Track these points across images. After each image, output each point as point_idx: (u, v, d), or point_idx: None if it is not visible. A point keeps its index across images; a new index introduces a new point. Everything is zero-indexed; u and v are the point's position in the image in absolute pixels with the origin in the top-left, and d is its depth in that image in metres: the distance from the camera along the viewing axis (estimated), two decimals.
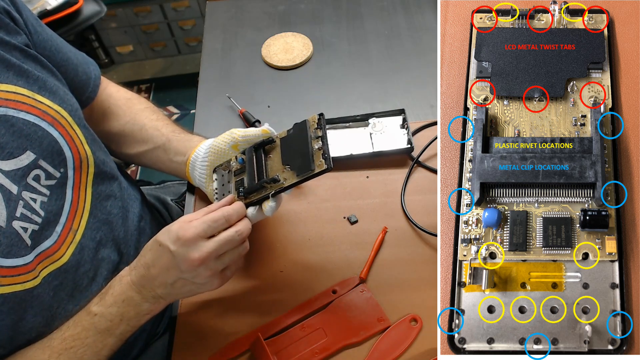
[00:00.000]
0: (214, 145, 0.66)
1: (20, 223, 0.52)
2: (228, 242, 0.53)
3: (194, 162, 0.68)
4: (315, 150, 0.57)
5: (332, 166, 0.56)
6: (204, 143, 0.68)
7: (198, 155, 0.67)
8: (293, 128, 0.60)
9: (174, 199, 0.90)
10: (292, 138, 0.60)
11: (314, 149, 0.57)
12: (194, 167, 0.68)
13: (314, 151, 0.57)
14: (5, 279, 0.50)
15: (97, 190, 0.63)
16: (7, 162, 0.52)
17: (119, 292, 0.55)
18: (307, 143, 0.57)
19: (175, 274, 0.53)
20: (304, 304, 0.64)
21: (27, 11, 0.61)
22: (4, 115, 0.52)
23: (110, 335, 0.55)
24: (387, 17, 1.00)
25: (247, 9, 1.05)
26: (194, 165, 0.68)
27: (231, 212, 0.55)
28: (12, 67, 0.55)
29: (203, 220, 0.53)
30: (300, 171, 0.57)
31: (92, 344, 0.54)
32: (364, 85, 0.89)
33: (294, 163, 0.58)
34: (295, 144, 0.59)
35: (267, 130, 0.63)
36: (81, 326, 0.54)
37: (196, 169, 0.68)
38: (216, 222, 0.53)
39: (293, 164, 0.58)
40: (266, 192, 0.59)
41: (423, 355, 0.60)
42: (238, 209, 0.56)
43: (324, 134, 0.57)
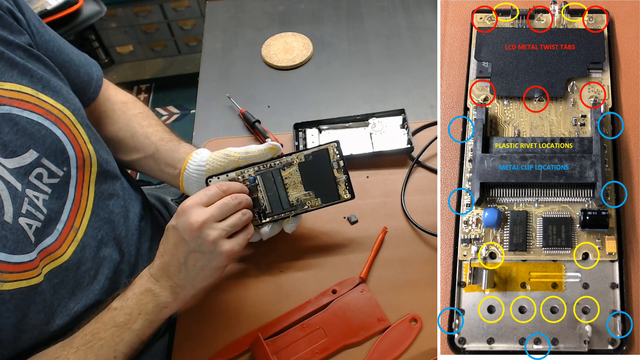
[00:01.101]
0: (209, 169, 0.63)
1: (25, 220, 0.52)
2: (224, 204, 0.56)
3: (187, 179, 0.66)
4: (341, 180, 0.63)
5: (355, 196, 0.63)
6: (193, 159, 0.65)
7: (190, 174, 0.65)
8: (312, 155, 0.62)
9: (174, 199, 0.90)
10: (313, 164, 0.62)
11: (341, 179, 0.63)
12: (189, 186, 0.67)
13: (340, 181, 0.63)
14: (12, 275, 0.50)
15: (100, 189, 0.63)
16: (11, 160, 0.52)
17: (137, 285, 0.56)
18: (330, 172, 0.63)
19: (183, 249, 0.55)
20: (304, 304, 0.64)
21: (30, 11, 0.61)
22: (8, 114, 0.53)
23: (128, 330, 0.55)
24: (387, 17, 1.00)
25: (247, 9, 1.05)
26: (188, 184, 0.66)
27: (226, 187, 0.58)
28: (16, 66, 0.55)
29: (198, 193, 0.57)
30: (327, 199, 0.63)
31: (109, 337, 0.54)
32: (364, 85, 0.89)
33: (319, 190, 0.63)
34: (317, 171, 0.63)
35: (275, 147, 0.62)
36: (101, 321, 0.55)
37: (193, 189, 0.66)
38: (211, 192, 0.57)
39: (317, 191, 0.63)
40: (286, 214, 0.63)
41: (423, 355, 0.60)
42: (236, 186, 0.59)
43: (345, 164, 0.63)
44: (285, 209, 0.63)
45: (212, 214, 0.55)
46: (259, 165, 0.62)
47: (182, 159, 0.67)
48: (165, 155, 0.69)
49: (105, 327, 0.55)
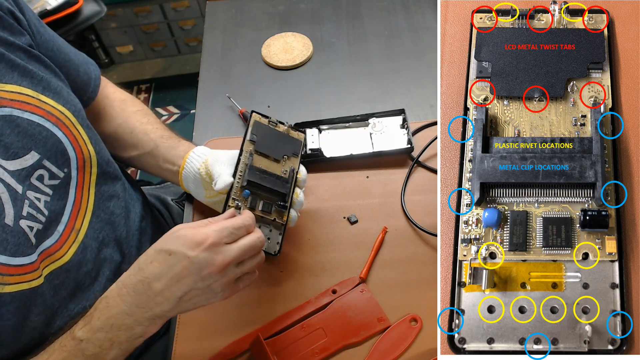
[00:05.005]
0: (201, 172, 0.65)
1: (26, 222, 0.52)
2: (251, 247, 0.51)
3: (186, 177, 0.67)
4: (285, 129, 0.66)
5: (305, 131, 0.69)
6: (192, 156, 0.66)
7: (189, 172, 0.66)
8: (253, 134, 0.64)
9: (174, 199, 0.90)
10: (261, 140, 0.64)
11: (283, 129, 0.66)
12: (188, 184, 0.68)
13: (286, 130, 0.66)
14: (13, 278, 0.50)
15: (100, 190, 0.63)
16: (12, 162, 0.52)
17: (106, 316, 0.49)
18: (274, 132, 0.65)
19: (188, 283, 0.49)
20: (304, 304, 0.64)
21: (30, 12, 0.61)
22: (9, 116, 0.53)
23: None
24: (387, 17, 1.00)
25: (247, 9, 1.05)
26: (187, 182, 0.68)
27: (250, 221, 0.53)
28: (16, 67, 0.55)
29: (224, 225, 0.50)
30: (294, 150, 0.66)
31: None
32: (364, 85, 0.89)
33: (283, 151, 0.65)
34: (268, 141, 0.64)
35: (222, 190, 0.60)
36: (67, 351, 0.50)
37: (192, 187, 0.68)
38: (238, 229, 0.51)
39: (282, 152, 0.65)
40: (291, 187, 0.63)
41: (423, 355, 0.60)
42: (253, 219, 0.54)
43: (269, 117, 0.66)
44: (287, 182, 0.63)
45: (238, 255, 0.50)
46: (237, 176, 0.61)
47: (181, 156, 0.68)
48: (165, 152, 0.69)
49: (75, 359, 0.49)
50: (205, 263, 0.48)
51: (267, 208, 0.61)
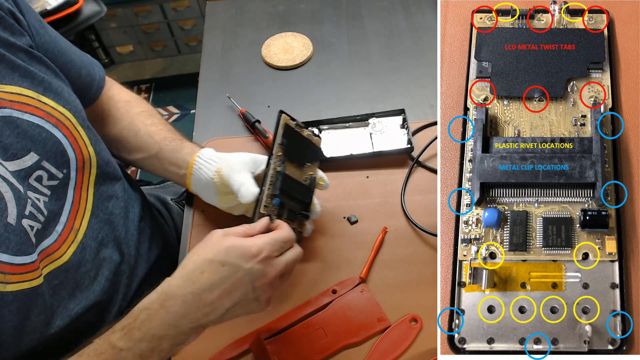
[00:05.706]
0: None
1: (28, 221, 0.52)
2: (295, 261, 0.53)
3: (197, 182, 0.67)
4: (310, 135, 0.64)
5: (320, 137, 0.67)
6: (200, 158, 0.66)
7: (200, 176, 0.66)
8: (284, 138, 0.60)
9: (174, 199, 0.90)
10: (289, 144, 0.60)
11: (307, 134, 0.64)
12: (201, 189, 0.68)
13: (309, 137, 0.64)
14: (15, 277, 0.50)
15: (99, 190, 0.63)
16: (11, 162, 0.52)
17: (148, 327, 0.49)
18: (300, 137, 0.63)
19: (240, 295, 0.49)
20: (304, 304, 0.64)
21: (31, 12, 0.61)
22: (9, 117, 0.53)
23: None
24: (387, 17, 1.00)
25: (247, 9, 1.05)
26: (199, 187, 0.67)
27: (294, 236, 0.54)
28: (17, 68, 0.55)
29: (275, 239, 0.52)
30: (315, 158, 0.65)
31: None
32: (364, 85, 0.89)
33: (307, 157, 0.63)
34: (295, 146, 0.61)
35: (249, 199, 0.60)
36: (104, 358, 0.49)
37: (203, 192, 0.68)
38: (286, 243, 0.53)
39: (306, 159, 0.63)
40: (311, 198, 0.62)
41: (423, 355, 0.60)
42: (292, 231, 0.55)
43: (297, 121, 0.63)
44: (310, 190, 0.62)
45: (284, 269, 0.52)
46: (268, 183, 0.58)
47: (186, 159, 0.67)
48: (169, 154, 0.69)
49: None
50: (259, 275, 0.50)
51: (291, 217, 0.60)
